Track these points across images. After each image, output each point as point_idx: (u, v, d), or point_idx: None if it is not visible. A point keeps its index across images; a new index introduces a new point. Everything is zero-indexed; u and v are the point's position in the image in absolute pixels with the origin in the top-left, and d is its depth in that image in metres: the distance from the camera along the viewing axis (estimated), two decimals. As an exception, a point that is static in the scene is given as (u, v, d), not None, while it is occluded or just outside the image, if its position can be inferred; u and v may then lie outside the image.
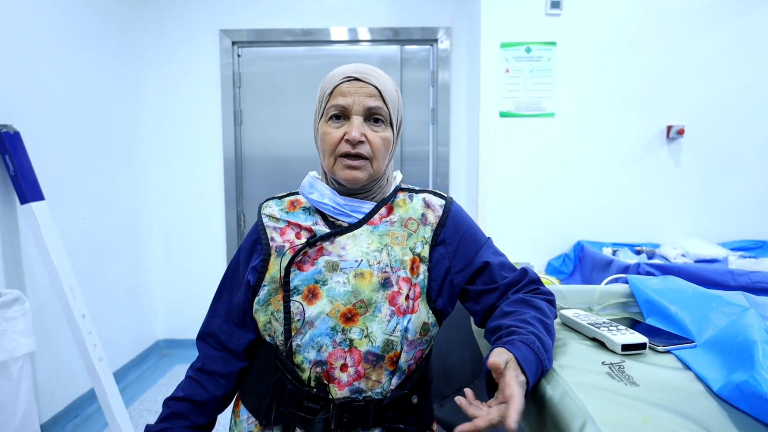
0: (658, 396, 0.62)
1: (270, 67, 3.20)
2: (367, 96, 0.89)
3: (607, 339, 0.79)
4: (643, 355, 0.77)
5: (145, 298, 3.14)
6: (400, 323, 0.86)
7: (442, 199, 0.99)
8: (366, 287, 0.87)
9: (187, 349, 3.29)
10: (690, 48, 2.57)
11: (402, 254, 0.90)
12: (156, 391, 2.77)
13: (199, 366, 1.00)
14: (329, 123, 0.91)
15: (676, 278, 0.96)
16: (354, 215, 0.93)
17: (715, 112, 2.60)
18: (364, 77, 0.89)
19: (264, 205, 1.02)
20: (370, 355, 0.85)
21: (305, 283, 0.89)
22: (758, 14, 2.53)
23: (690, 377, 0.69)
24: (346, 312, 0.86)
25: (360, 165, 0.89)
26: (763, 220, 2.65)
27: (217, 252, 3.26)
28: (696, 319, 0.82)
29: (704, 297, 0.86)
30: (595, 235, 2.68)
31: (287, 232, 0.95)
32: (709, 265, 2.24)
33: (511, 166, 2.65)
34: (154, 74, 3.15)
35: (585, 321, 0.87)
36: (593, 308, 1.01)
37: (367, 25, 3.13)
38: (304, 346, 0.87)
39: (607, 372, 0.70)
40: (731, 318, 0.76)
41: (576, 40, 2.58)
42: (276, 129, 3.22)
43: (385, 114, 0.91)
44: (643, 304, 0.95)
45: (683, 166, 2.64)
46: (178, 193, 3.23)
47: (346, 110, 0.89)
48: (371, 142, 0.89)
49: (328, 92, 0.91)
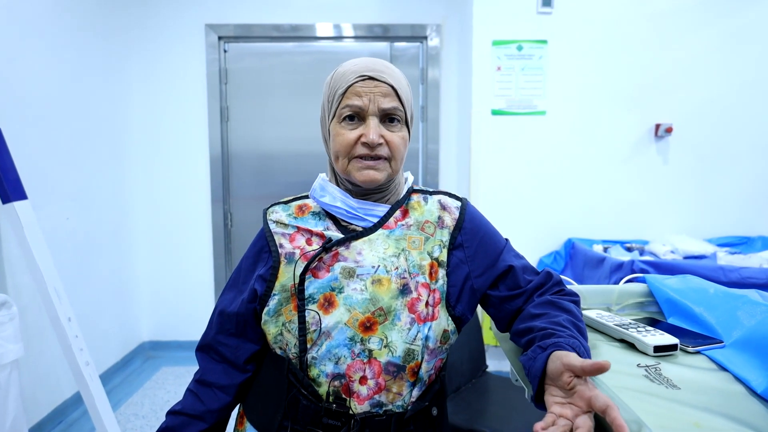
0: (702, 399, 0.62)
1: (257, 63, 3.15)
2: (382, 96, 0.85)
3: (638, 340, 0.79)
4: (675, 356, 0.76)
5: (130, 299, 3.06)
6: (420, 331, 0.82)
7: (458, 200, 0.96)
8: (384, 294, 0.83)
9: (173, 350, 3.22)
10: (678, 47, 2.60)
11: (420, 259, 0.87)
12: (142, 395, 2.70)
13: (198, 377, 0.95)
14: (343, 124, 0.86)
15: (695, 277, 0.97)
16: (368, 219, 0.89)
17: (702, 110, 2.64)
18: (379, 76, 0.85)
19: (269, 210, 0.96)
20: (390, 365, 0.81)
21: (321, 291, 0.84)
22: (744, 15, 2.58)
23: (727, 378, 0.69)
24: (364, 321, 0.82)
25: (377, 165, 0.85)
26: (748, 217, 2.70)
27: (204, 251, 3.20)
28: (722, 319, 0.82)
29: (728, 297, 0.86)
30: (585, 233, 2.70)
31: (297, 238, 0.90)
32: (700, 261, 2.28)
33: (503, 164, 2.65)
34: (138, 70, 3.07)
35: (611, 322, 0.86)
36: (612, 308, 1.01)
37: (356, 22, 3.10)
38: (320, 359, 0.82)
39: (645, 375, 0.70)
40: (760, 318, 0.76)
41: (567, 38, 2.59)
42: (263, 126, 3.17)
43: (402, 114, 0.87)
44: (664, 304, 0.95)
45: (671, 163, 2.68)
46: (164, 192, 3.15)
47: (362, 111, 0.85)
48: (390, 142, 0.86)
49: (341, 92, 0.86)
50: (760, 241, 2.62)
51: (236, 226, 3.23)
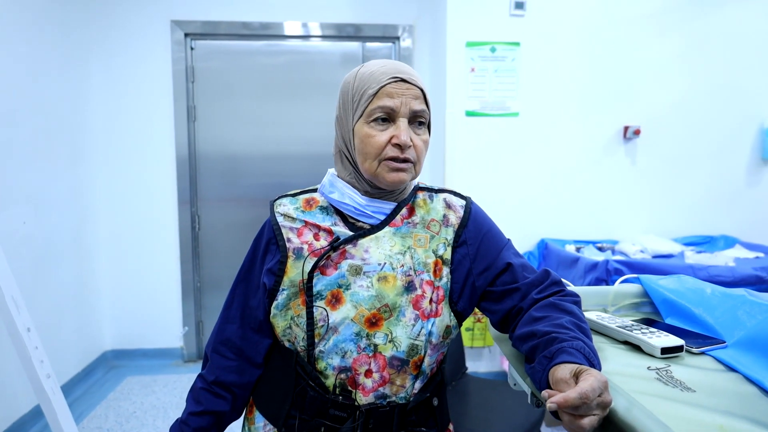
0: (720, 402, 0.61)
1: (226, 61, 3.06)
2: (413, 98, 0.86)
3: (644, 342, 0.78)
4: (681, 358, 0.76)
5: (91, 307, 2.92)
6: (424, 327, 0.85)
7: (463, 199, 0.98)
8: (390, 291, 0.85)
9: (138, 359, 3.09)
10: (646, 52, 2.67)
11: (425, 257, 0.89)
12: (106, 407, 2.58)
13: (213, 379, 0.95)
14: (372, 125, 0.86)
15: (690, 278, 0.97)
16: (376, 216, 0.91)
17: (667, 113, 2.71)
18: (410, 78, 0.87)
19: (277, 203, 0.96)
20: (395, 360, 0.84)
21: (328, 288, 0.86)
22: (708, 21, 2.67)
23: (737, 378, 0.69)
24: (370, 317, 0.84)
25: (406, 167, 0.87)
26: (711, 216, 2.79)
27: (170, 255, 3.09)
28: (722, 319, 0.83)
29: (726, 297, 0.86)
30: (558, 233, 2.73)
31: (305, 233, 0.91)
32: (669, 260, 2.34)
33: (477, 166, 2.66)
34: (99, 67, 2.94)
35: (613, 324, 0.86)
36: (608, 309, 1.01)
37: (328, 21, 3.06)
38: (327, 353, 0.85)
39: (657, 378, 0.69)
40: (762, 318, 0.76)
41: (539, 41, 2.62)
42: (232, 126, 3.09)
43: (427, 117, 0.90)
44: (661, 304, 0.96)
45: (639, 165, 2.74)
46: (128, 194, 3.02)
47: (394, 113, 0.85)
48: (416, 146, 0.87)
49: (371, 92, 0.86)
50: (723, 239, 2.71)
51: (204, 229, 3.13)
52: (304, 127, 3.10)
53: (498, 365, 2.74)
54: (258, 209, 3.10)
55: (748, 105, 2.75)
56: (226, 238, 3.13)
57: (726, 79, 2.72)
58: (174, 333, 3.12)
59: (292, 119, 3.10)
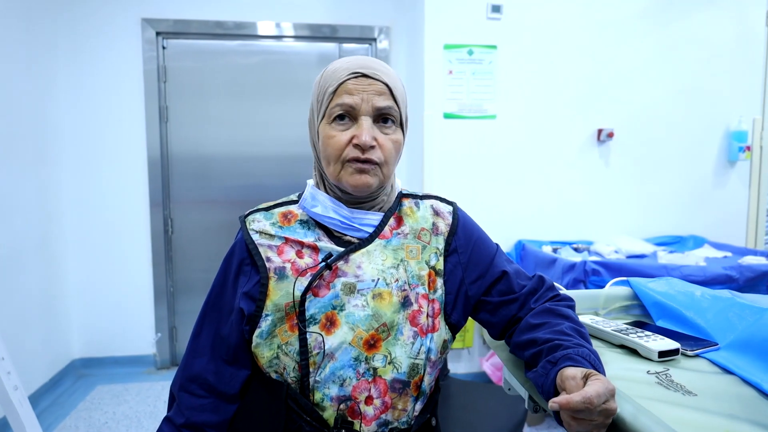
0: (722, 405, 0.62)
1: (200, 61, 2.99)
2: (376, 94, 0.79)
3: (640, 346, 0.79)
4: (677, 361, 0.77)
5: (58, 314, 2.81)
6: (423, 344, 0.80)
7: (449, 204, 0.94)
8: (386, 309, 0.79)
9: (108, 367, 3.00)
10: (619, 57, 2.72)
11: (419, 269, 0.84)
12: (76, 417, 2.49)
13: (183, 421, 0.83)
14: (333, 125, 0.80)
15: (678, 280, 0.99)
16: (363, 229, 0.84)
17: (639, 116, 2.78)
18: (372, 73, 0.80)
19: (249, 219, 0.87)
20: (396, 383, 0.78)
21: (322, 311, 0.79)
22: (676, 29, 2.74)
23: (734, 381, 0.70)
24: (368, 339, 0.78)
25: (370, 169, 0.80)
26: (680, 217, 2.87)
27: (142, 259, 3.00)
28: (713, 322, 0.84)
29: (716, 299, 0.88)
30: (534, 234, 2.76)
31: (286, 251, 0.83)
32: (642, 260, 2.39)
33: (454, 167, 2.67)
34: (66, 65, 2.83)
35: (608, 328, 0.87)
36: (599, 312, 1.02)
37: (305, 21, 3.02)
38: (323, 382, 0.77)
39: (658, 382, 0.70)
40: (753, 320, 0.78)
41: (515, 44, 2.65)
42: (206, 127, 3.02)
43: (396, 114, 0.82)
44: (652, 307, 0.97)
45: (612, 167, 2.80)
46: (96, 197, 2.92)
47: (354, 110, 0.79)
48: (382, 146, 0.80)
49: (331, 90, 0.80)
50: (692, 239, 2.79)
51: (178, 232, 3.06)
52: (280, 128, 3.06)
53: (477, 366, 2.76)
54: (233, 211, 3.04)
55: (714, 109, 2.83)
56: (200, 241, 3.06)
57: (694, 84, 2.80)
58: (146, 339, 3.04)
59: (267, 120, 3.06)
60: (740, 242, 2.91)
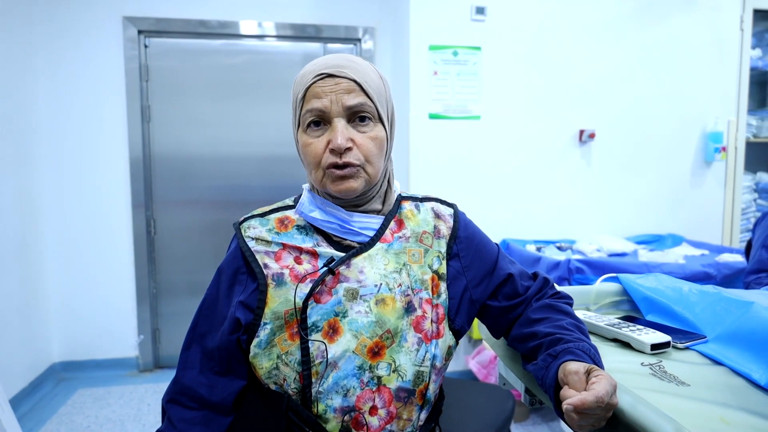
0: (714, 394, 0.65)
1: (183, 60, 2.96)
2: (345, 93, 0.76)
3: (633, 339, 0.82)
4: (668, 353, 0.80)
5: (37, 316, 2.75)
6: (428, 351, 0.79)
7: (450, 207, 0.93)
8: (390, 315, 0.78)
9: (90, 371, 2.95)
10: (600, 59, 2.78)
11: (422, 273, 0.82)
12: (57, 422, 2.44)
13: None
14: (308, 132, 0.78)
15: (666, 276, 1.03)
16: (363, 233, 0.82)
17: (619, 117, 2.84)
18: (338, 71, 0.76)
19: (245, 226, 0.85)
20: (401, 391, 0.77)
21: (325, 318, 0.77)
22: (657, 31, 2.81)
23: (724, 371, 0.73)
24: (372, 346, 0.76)
25: (352, 173, 0.77)
26: (659, 216, 2.94)
27: (124, 260, 2.95)
28: (702, 315, 0.88)
29: (703, 294, 0.92)
30: (518, 234, 2.80)
31: (284, 257, 0.81)
32: (624, 258, 2.45)
33: (440, 168, 2.69)
34: (46, 63, 2.78)
35: (601, 322, 0.89)
36: (591, 308, 1.04)
37: (289, 21, 3.01)
38: (326, 392, 0.75)
39: (651, 373, 0.72)
40: (739, 313, 0.81)
41: (499, 46, 2.68)
42: (189, 127, 2.99)
43: (372, 110, 0.78)
44: (642, 302, 1.00)
45: (594, 167, 2.85)
46: (77, 197, 2.87)
47: (325, 114, 0.77)
48: (360, 145, 0.77)
49: (300, 96, 0.78)
50: (670, 238, 2.86)
51: (161, 233, 3.02)
52: (264, 129, 3.05)
53: (463, 364, 2.78)
54: (216, 212, 3.02)
55: (691, 111, 2.91)
56: (184, 242, 3.03)
57: (672, 87, 2.87)
58: (128, 342, 2.99)
59: (251, 120, 3.04)
60: (716, 240, 2.99)
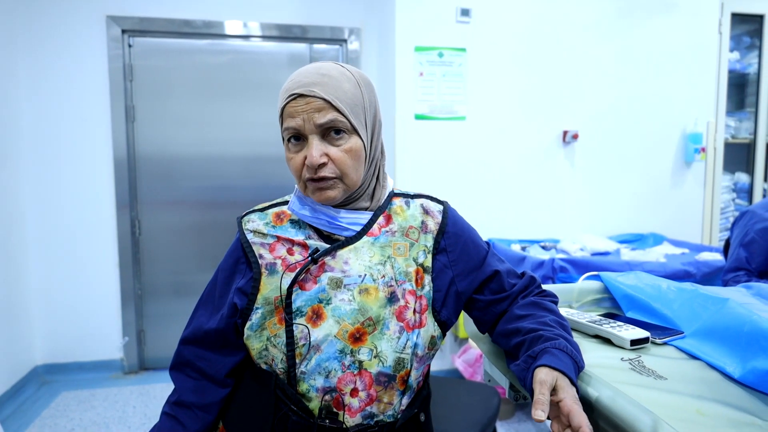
0: (690, 387, 0.67)
1: (167, 60, 2.95)
2: (315, 112, 0.80)
3: (614, 335, 0.84)
4: (647, 349, 0.82)
5: (19, 319, 2.72)
6: (410, 339, 0.83)
7: (440, 204, 0.96)
8: (373, 304, 0.83)
9: (73, 373, 2.92)
10: (583, 61, 2.82)
11: (406, 266, 0.87)
12: (40, 425, 2.42)
13: (175, 399, 0.91)
14: (289, 147, 0.84)
15: (646, 274, 1.05)
16: (350, 228, 0.87)
17: (602, 118, 2.88)
18: (307, 91, 0.80)
19: (245, 219, 0.93)
20: (381, 376, 0.81)
21: (309, 304, 0.82)
22: (638, 33, 2.86)
23: (700, 365, 0.75)
24: (354, 332, 0.81)
25: (329, 185, 0.83)
26: (641, 215, 2.99)
27: (108, 261, 2.93)
28: (679, 312, 0.90)
29: (681, 291, 0.94)
30: (503, 233, 2.83)
31: (277, 248, 0.88)
32: (607, 257, 2.49)
33: (426, 168, 2.71)
34: (27, 62, 2.74)
35: (583, 319, 0.91)
36: (573, 306, 1.07)
37: (274, 21, 3.01)
38: (309, 373, 0.81)
39: (631, 368, 0.74)
40: (715, 309, 0.84)
41: (484, 47, 2.71)
42: (174, 127, 2.97)
43: (344, 124, 0.82)
44: (622, 299, 1.03)
45: (577, 167, 2.89)
46: (60, 198, 2.84)
47: (300, 132, 0.82)
48: (335, 159, 0.81)
49: (279, 113, 0.85)
50: (652, 237, 2.91)
51: (145, 234, 3.00)
52: (249, 129, 3.04)
53: (449, 363, 2.80)
54: (202, 212, 3.01)
55: (672, 112, 2.97)
56: (169, 243, 3.01)
57: (653, 88, 2.92)
58: (113, 343, 2.97)
59: (236, 120, 3.04)
60: (696, 239, 3.05)
